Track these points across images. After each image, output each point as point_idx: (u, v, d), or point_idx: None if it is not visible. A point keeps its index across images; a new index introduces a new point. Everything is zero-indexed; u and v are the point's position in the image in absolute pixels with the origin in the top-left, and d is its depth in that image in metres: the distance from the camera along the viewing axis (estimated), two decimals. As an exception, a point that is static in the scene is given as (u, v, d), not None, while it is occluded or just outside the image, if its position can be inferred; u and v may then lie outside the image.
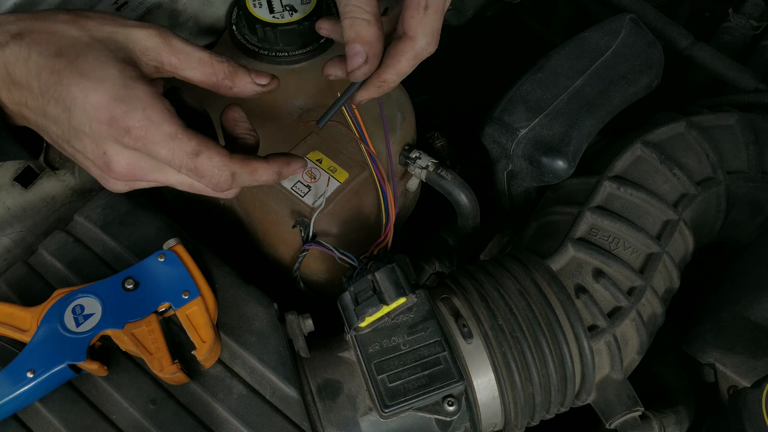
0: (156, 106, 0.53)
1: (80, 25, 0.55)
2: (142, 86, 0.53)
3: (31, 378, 0.57)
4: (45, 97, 0.53)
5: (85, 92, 0.52)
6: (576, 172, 0.75)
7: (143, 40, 0.56)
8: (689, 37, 0.94)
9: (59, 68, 0.53)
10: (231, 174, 0.55)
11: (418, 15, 0.57)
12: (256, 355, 0.63)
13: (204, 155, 0.54)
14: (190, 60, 0.57)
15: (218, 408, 0.61)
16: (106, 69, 0.53)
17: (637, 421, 0.69)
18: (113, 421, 0.60)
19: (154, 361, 0.58)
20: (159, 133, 0.53)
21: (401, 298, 0.61)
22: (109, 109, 0.52)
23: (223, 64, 0.58)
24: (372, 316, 0.61)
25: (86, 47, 0.54)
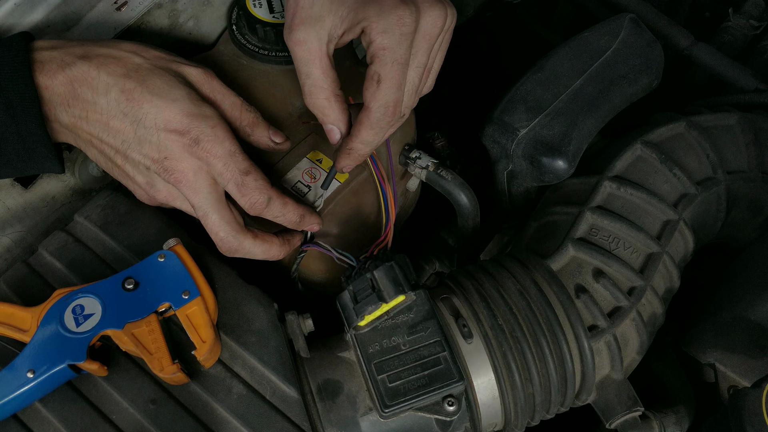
0: (222, 125, 0.60)
1: (142, 55, 0.61)
2: (209, 107, 0.61)
3: (31, 378, 0.57)
4: (111, 112, 0.59)
5: (158, 108, 0.58)
6: (576, 172, 0.75)
7: (192, 76, 0.63)
8: (689, 37, 0.94)
9: (130, 88, 0.58)
10: (268, 198, 0.62)
11: (371, 88, 0.60)
12: (256, 355, 0.63)
13: (251, 176, 0.61)
14: (224, 101, 0.64)
15: (218, 408, 0.61)
16: (176, 90, 0.60)
17: (637, 421, 0.69)
18: (113, 421, 0.60)
19: (154, 361, 0.58)
20: (221, 149, 0.59)
21: (400, 296, 0.61)
22: (182, 122, 0.58)
23: (249, 114, 0.65)
24: (371, 314, 0.61)
25: (151, 72, 0.60)
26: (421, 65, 0.61)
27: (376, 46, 0.58)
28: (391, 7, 0.57)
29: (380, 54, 0.58)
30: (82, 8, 0.69)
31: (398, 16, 0.57)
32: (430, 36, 0.60)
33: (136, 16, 0.73)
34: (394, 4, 0.57)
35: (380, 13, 0.57)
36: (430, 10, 0.59)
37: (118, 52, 0.60)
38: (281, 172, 0.74)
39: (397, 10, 0.57)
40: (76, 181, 0.77)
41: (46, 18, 0.67)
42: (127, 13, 0.73)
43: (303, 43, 0.60)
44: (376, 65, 0.59)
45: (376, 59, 0.59)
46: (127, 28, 0.73)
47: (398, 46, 0.58)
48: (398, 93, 0.60)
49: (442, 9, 0.60)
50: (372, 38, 0.58)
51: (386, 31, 0.57)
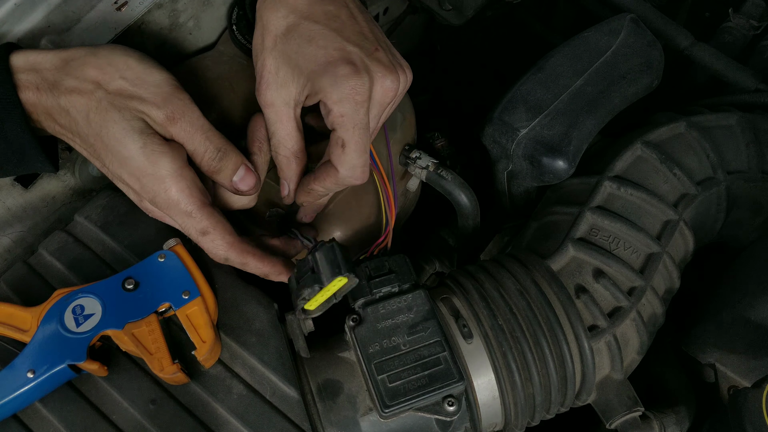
0: (177, 184, 0.59)
1: (105, 88, 0.59)
2: (164, 163, 0.58)
3: (31, 378, 0.57)
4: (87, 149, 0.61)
5: (115, 163, 0.59)
6: (576, 172, 0.75)
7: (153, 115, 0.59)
8: (689, 37, 0.94)
9: (92, 134, 0.59)
10: (225, 258, 0.62)
11: (337, 152, 0.62)
12: (257, 355, 0.63)
13: (209, 236, 0.61)
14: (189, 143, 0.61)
15: (218, 408, 0.61)
16: (128, 145, 0.58)
17: (637, 421, 0.69)
18: (113, 421, 0.60)
19: (154, 361, 0.58)
20: (176, 210, 0.60)
21: (339, 278, 0.58)
22: (138, 181, 0.59)
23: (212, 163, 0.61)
24: (313, 298, 0.59)
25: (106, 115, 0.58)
26: (372, 129, 0.64)
27: (335, 114, 0.60)
28: (345, 78, 0.59)
29: (340, 121, 0.60)
30: (82, 8, 0.69)
31: (351, 86, 0.59)
32: (382, 103, 0.62)
33: (136, 16, 0.73)
34: (347, 74, 0.59)
35: (334, 83, 0.59)
36: (383, 79, 0.60)
37: (82, 84, 0.58)
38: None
39: (350, 80, 0.59)
40: (76, 181, 0.77)
41: (47, 18, 0.67)
42: (127, 13, 0.73)
43: (271, 105, 0.63)
44: (339, 131, 0.61)
45: (337, 126, 0.61)
46: (127, 28, 0.73)
47: (355, 113, 0.60)
48: (364, 156, 0.63)
49: (395, 78, 0.61)
50: (330, 107, 0.60)
51: (341, 100, 0.59)
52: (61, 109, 0.59)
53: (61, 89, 0.58)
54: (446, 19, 1.00)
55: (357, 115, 0.60)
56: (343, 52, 0.60)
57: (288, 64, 0.61)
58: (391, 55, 0.63)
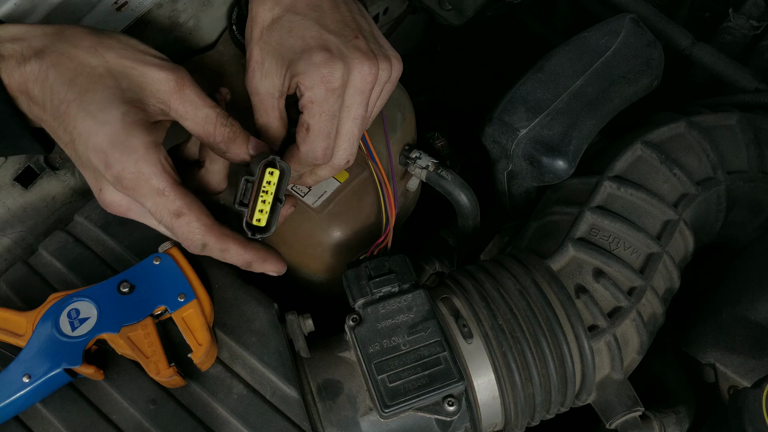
0: (149, 158, 0.55)
1: (100, 54, 0.56)
2: (140, 134, 0.55)
3: (27, 383, 0.57)
4: (56, 121, 0.56)
5: (87, 131, 0.54)
6: (576, 172, 0.75)
7: (157, 83, 0.57)
8: (689, 37, 0.94)
9: (69, 99, 0.54)
10: (202, 244, 0.58)
11: (301, 133, 0.62)
12: (256, 355, 0.63)
13: (184, 218, 0.56)
14: (196, 114, 0.58)
15: (218, 408, 0.61)
16: (110, 110, 0.54)
17: (637, 421, 0.69)
18: (113, 422, 0.60)
19: (150, 364, 0.58)
20: (147, 187, 0.55)
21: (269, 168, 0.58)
22: (106, 153, 0.54)
23: (224, 128, 0.59)
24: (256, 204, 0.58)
25: (98, 80, 0.55)
26: (358, 117, 0.63)
27: (305, 99, 0.60)
28: (319, 65, 0.59)
29: (309, 106, 0.60)
30: (82, 8, 0.69)
31: (322, 74, 0.59)
32: (362, 90, 0.61)
33: (136, 16, 0.73)
34: (322, 61, 0.59)
35: (307, 69, 0.59)
36: (359, 65, 0.60)
37: (74, 50, 0.55)
38: None
39: (323, 67, 0.59)
40: (76, 181, 0.77)
41: (47, 18, 0.67)
42: (127, 13, 0.73)
43: (256, 94, 0.63)
44: (306, 115, 0.61)
45: (305, 110, 0.61)
46: (127, 28, 0.73)
47: (325, 101, 0.60)
48: (326, 141, 0.62)
49: (373, 64, 0.61)
50: (301, 92, 0.60)
51: (313, 86, 0.59)
52: (39, 76, 0.54)
53: (47, 53, 0.55)
54: (446, 19, 1.00)
55: (326, 102, 0.60)
56: (320, 40, 0.60)
57: (272, 55, 0.62)
58: (375, 43, 0.63)
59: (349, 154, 0.65)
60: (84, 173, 0.58)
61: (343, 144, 0.64)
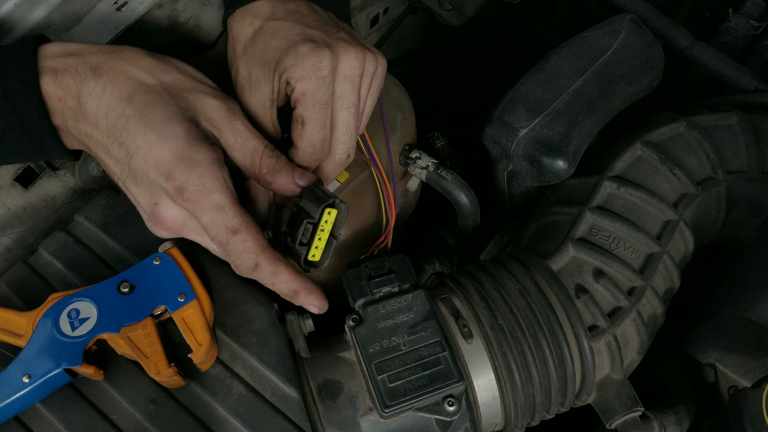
0: (213, 173, 0.55)
1: (157, 75, 0.57)
2: (204, 150, 0.55)
3: (27, 383, 0.57)
4: (110, 137, 0.56)
5: (149, 145, 0.55)
6: (576, 172, 0.75)
7: (210, 111, 0.58)
8: (689, 37, 0.94)
9: (128, 114, 0.55)
10: (255, 263, 0.57)
11: (297, 129, 0.62)
12: (257, 355, 0.63)
13: (240, 236, 0.56)
14: (244, 145, 0.59)
15: (218, 408, 0.61)
16: (173, 126, 0.55)
17: (637, 421, 0.69)
18: (113, 422, 0.60)
19: (150, 364, 0.58)
20: (209, 201, 0.55)
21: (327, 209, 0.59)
22: (169, 165, 0.54)
23: (271, 160, 0.59)
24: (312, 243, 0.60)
25: (157, 98, 0.56)
26: (353, 105, 0.63)
27: (297, 92, 0.60)
28: (306, 54, 0.59)
29: (301, 98, 0.60)
30: (82, 8, 0.69)
31: (312, 63, 0.59)
32: (352, 77, 0.62)
33: (136, 16, 0.73)
34: (309, 51, 0.59)
35: (296, 61, 0.59)
36: (345, 53, 0.61)
37: (132, 69, 0.57)
38: None
39: (312, 56, 0.59)
40: (76, 181, 0.77)
41: (47, 18, 0.67)
42: (127, 13, 0.73)
43: (248, 108, 0.63)
44: (299, 109, 0.61)
45: (298, 103, 0.61)
46: (127, 28, 0.73)
47: (317, 89, 0.60)
48: (323, 132, 0.62)
49: (360, 51, 0.61)
50: (293, 85, 0.60)
51: (303, 77, 0.59)
52: (95, 91, 0.55)
53: (104, 70, 0.55)
54: (446, 19, 1.00)
55: (318, 92, 0.60)
56: (304, 35, 0.61)
57: (257, 64, 0.62)
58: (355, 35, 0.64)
59: (348, 146, 0.64)
60: (136, 190, 0.57)
61: (341, 136, 0.63)
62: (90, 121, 0.56)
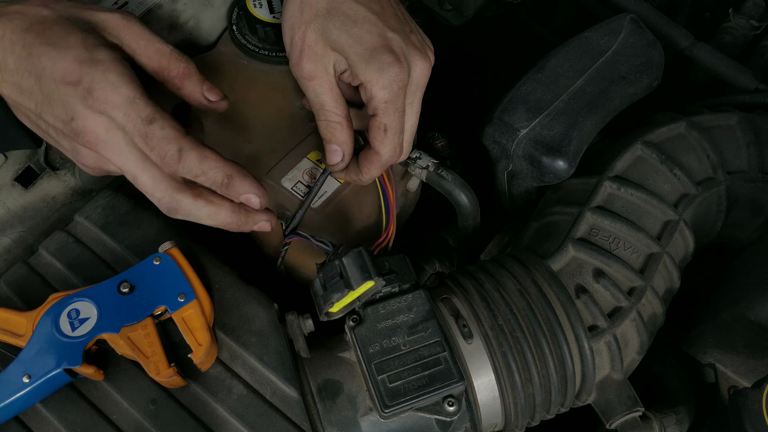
0: (116, 69, 0.56)
1: (50, 7, 0.58)
2: (104, 50, 0.56)
3: (27, 383, 0.57)
4: (19, 71, 0.56)
5: (53, 60, 0.55)
6: (576, 173, 0.75)
7: (107, 22, 0.60)
8: (689, 37, 0.94)
9: (29, 41, 0.56)
10: (178, 149, 0.56)
11: (380, 137, 0.65)
12: (257, 355, 0.63)
13: (157, 124, 0.55)
14: (148, 48, 0.60)
15: (218, 408, 0.61)
16: (71, 37, 0.56)
17: (637, 422, 0.69)
18: (113, 422, 0.60)
19: (150, 364, 0.58)
20: (118, 96, 0.55)
21: (367, 282, 0.60)
22: (73, 71, 0.55)
23: (179, 63, 0.61)
24: (340, 301, 0.60)
25: (53, 23, 0.57)
26: (419, 110, 0.67)
27: (379, 100, 0.63)
28: (389, 65, 0.62)
29: (383, 107, 0.63)
30: (82, 8, 0.69)
31: (395, 73, 0.62)
32: (422, 85, 0.66)
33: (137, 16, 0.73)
34: (391, 62, 0.62)
35: (380, 71, 0.62)
36: (419, 63, 0.64)
37: (25, 8, 0.58)
38: (282, 171, 0.74)
39: (394, 67, 0.62)
40: (76, 181, 0.77)
41: (46, 18, 0.67)
42: (127, 13, 0.73)
43: (315, 77, 0.64)
44: (381, 116, 0.64)
45: (380, 111, 0.63)
46: (127, 28, 0.73)
47: (397, 99, 0.63)
48: (401, 136, 0.66)
49: (428, 60, 0.65)
50: (374, 93, 0.63)
51: (386, 87, 0.62)
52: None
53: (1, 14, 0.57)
54: (446, 19, 1.00)
55: (398, 101, 0.63)
56: (385, 39, 0.63)
57: (326, 39, 0.63)
58: (421, 37, 0.67)
59: (410, 147, 0.69)
60: (52, 117, 0.57)
61: (408, 138, 0.68)
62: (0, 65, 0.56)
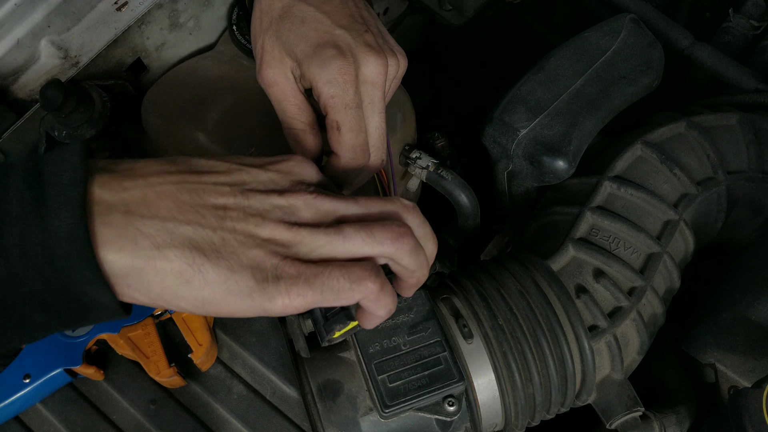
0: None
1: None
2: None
3: (27, 383, 0.57)
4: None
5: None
6: (576, 173, 0.75)
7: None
8: (689, 37, 0.94)
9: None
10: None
11: (334, 136, 0.62)
12: (257, 355, 0.63)
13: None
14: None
15: (219, 408, 0.61)
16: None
17: (637, 422, 0.69)
18: (114, 422, 0.60)
19: (151, 364, 0.58)
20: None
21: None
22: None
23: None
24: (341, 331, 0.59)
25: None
26: (382, 110, 0.63)
27: (326, 96, 0.60)
28: (331, 59, 0.60)
29: (331, 102, 0.60)
30: (82, 8, 0.69)
31: (338, 66, 0.60)
32: (378, 83, 0.62)
33: (136, 16, 0.73)
34: (333, 55, 0.60)
35: (322, 65, 0.60)
36: (367, 59, 0.61)
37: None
38: None
39: (336, 60, 0.60)
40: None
41: (47, 18, 0.67)
42: (127, 13, 0.73)
43: (274, 83, 0.63)
44: (332, 114, 0.61)
45: (329, 108, 0.61)
46: (127, 28, 0.73)
47: (345, 93, 0.60)
48: (360, 136, 0.62)
49: (382, 58, 0.62)
50: (320, 89, 0.61)
51: (330, 81, 0.60)
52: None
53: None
54: (446, 19, 1.00)
55: (347, 95, 0.60)
56: (332, 36, 0.61)
57: (281, 43, 0.62)
58: (381, 38, 0.64)
59: (382, 151, 0.65)
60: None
61: (374, 141, 0.64)
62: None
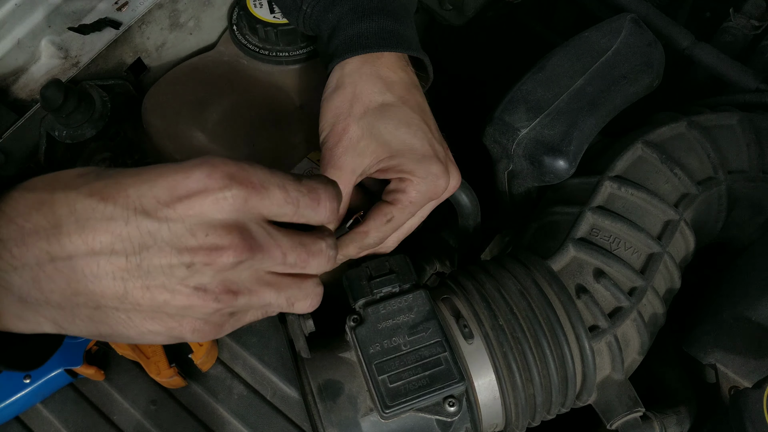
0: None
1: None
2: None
3: (27, 383, 0.57)
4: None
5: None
6: (577, 172, 0.75)
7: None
8: (690, 37, 0.94)
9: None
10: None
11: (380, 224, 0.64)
12: (257, 355, 0.63)
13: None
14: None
15: (219, 408, 0.61)
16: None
17: (638, 422, 0.69)
18: (114, 422, 0.60)
19: (151, 365, 0.58)
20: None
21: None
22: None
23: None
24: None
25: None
26: (424, 217, 0.67)
27: (407, 197, 0.62)
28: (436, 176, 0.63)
29: (405, 203, 0.63)
30: (82, 8, 0.69)
31: (436, 185, 0.63)
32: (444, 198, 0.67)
33: (136, 16, 0.73)
34: (439, 173, 0.63)
35: (426, 176, 0.62)
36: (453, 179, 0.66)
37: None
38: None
39: (440, 179, 0.63)
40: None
41: (47, 18, 0.67)
42: (127, 13, 0.73)
43: (340, 169, 0.62)
44: (396, 209, 0.63)
45: (399, 204, 0.63)
46: (127, 29, 0.73)
47: (422, 204, 0.64)
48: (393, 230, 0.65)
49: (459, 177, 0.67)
50: (407, 190, 0.62)
51: (422, 192, 0.62)
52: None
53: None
54: (446, 19, 1.00)
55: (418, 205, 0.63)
56: (434, 149, 0.64)
57: (372, 137, 0.62)
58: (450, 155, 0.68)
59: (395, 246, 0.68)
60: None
61: (400, 235, 0.67)
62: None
